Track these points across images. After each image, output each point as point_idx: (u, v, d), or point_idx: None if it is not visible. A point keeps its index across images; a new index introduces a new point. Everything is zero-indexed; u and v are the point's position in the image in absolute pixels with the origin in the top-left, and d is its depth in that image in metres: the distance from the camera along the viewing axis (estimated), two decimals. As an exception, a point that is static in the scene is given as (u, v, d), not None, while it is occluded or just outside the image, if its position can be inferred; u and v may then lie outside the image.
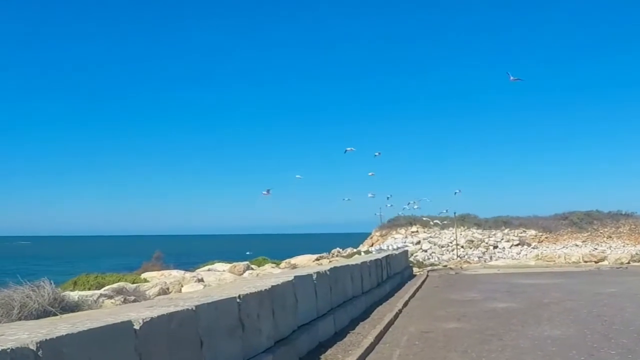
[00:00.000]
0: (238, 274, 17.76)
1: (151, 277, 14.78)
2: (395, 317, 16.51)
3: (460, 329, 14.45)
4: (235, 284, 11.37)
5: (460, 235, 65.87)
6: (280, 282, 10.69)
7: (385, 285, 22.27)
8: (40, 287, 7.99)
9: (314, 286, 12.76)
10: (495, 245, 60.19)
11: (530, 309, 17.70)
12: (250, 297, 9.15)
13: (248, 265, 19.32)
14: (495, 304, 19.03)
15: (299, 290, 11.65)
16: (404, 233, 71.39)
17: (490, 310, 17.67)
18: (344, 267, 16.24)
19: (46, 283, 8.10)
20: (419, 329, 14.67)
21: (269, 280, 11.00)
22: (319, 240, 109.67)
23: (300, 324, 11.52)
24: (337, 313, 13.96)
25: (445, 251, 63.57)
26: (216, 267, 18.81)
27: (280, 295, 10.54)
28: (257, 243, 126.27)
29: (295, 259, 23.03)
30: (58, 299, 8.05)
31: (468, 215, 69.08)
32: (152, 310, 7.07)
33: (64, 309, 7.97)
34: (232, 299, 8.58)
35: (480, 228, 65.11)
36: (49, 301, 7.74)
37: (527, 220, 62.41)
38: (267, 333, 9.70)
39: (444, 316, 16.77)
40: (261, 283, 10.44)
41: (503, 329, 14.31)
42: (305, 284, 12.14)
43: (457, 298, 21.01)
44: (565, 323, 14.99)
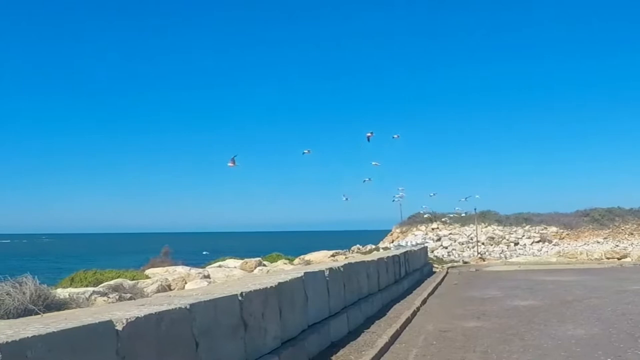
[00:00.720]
0: (250, 270, 17.22)
1: (154, 273, 14.24)
2: (413, 315, 15.87)
3: (480, 328, 13.79)
4: (240, 280, 10.80)
5: (481, 232, 65.19)
6: (288, 279, 10.10)
7: (404, 282, 21.62)
8: (22, 284, 7.43)
9: (325, 283, 12.15)
10: (516, 242, 59.58)
11: (553, 306, 16.98)
12: (254, 294, 8.57)
13: (260, 262, 18.74)
14: (517, 301, 18.32)
15: (310, 287, 11.06)
16: (424, 230, 70.92)
17: (511, 308, 16.97)
18: (359, 264, 15.62)
19: (29, 279, 7.54)
20: (437, 328, 14.02)
21: (277, 277, 10.41)
22: (341, 237, 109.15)
23: (310, 323, 10.94)
24: (351, 311, 13.35)
25: (465, 248, 63.02)
26: (227, 264, 18.27)
27: (288, 293, 9.96)
28: (278, 240, 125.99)
29: (310, 256, 22.43)
30: (42, 296, 7.51)
31: (489, 211, 68.48)
32: (141, 309, 6.50)
33: (48, 307, 7.43)
34: (233, 296, 8.00)
35: (501, 225, 64.55)
36: (31, 299, 7.19)
37: (548, 217, 61.63)
38: (274, 333, 9.12)
39: (463, 314, 16.11)
40: (268, 280, 9.86)
41: (525, 328, 13.62)
42: (316, 280, 11.54)
43: (477, 295, 20.32)
44: (589, 322, 14.27)
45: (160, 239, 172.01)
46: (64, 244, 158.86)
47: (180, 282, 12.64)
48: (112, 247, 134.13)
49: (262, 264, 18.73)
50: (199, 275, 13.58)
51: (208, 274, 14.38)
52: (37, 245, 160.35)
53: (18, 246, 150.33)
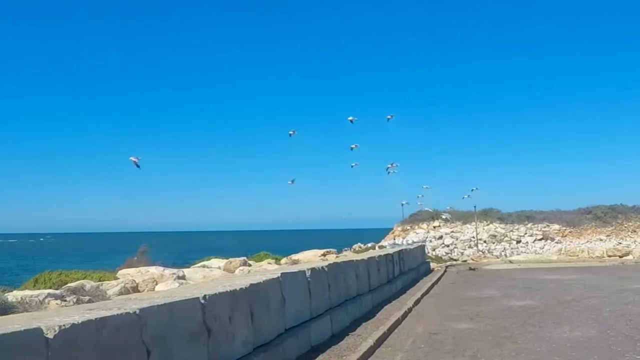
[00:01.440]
0: (231, 271, 16.64)
1: (125, 274, 13.64)
2: (404, 317, 15.25)
3: (472, 330, 13.17)
4: (213, 282, 10.19)
5: (482, 230, 64.45)
6: (262, 280, 9.49)
7: (397, 281, 20.99)
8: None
9: (307, 284, 11.53)
10: (519, 239, 58.69)
11: (550, 307, 16.35)
12: (219, 297, 7.96)
13: (245, 261, 18.14)
14: (513, 301, 17.69)
15: (288, 288, 10.44)
16: (426, 228, 70.04)
17: (507, 308, 16.34)
18: (346, 263, 14.99)
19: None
20: (428, 330, 13.41)
21: (251, 278, 9.82)
22: (343, 235, 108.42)
23: (289, 326, 10.32)
24: (335, 313, 12.73)
25: (467, 246, 62.17)
26: (211, 264, 17.71)
27: (262, 295, 9.35)
28: (277, 239, 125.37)
29: (299, 255, 21.79)
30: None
31: (491, 209, 67.63)
32: (83, 315, 5.91)
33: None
34: (193, 300, 7.40)
35: (503, 222, 63.71)
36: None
37: (550, 214, 60.89)
38: (244, 338, 8.51)
39: (456, 315, 15.49)
40: (240, 281, 9.25)
41: (519, 330, 12.99)
42: (295, 281, 10.93)
43: (474, 295, 19.69)
44: (587, 323, 13.64)
45: (163, 237, 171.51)
46: (71, 243, 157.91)
47: (150, 283, 12.04)
48: (118, 246, 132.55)
49: (247, 263, 18.13)
50: (173, 276, 12.97)
51: (183, 274, 13.74)
52: (42, 244, 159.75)
53: (24, 245, 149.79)
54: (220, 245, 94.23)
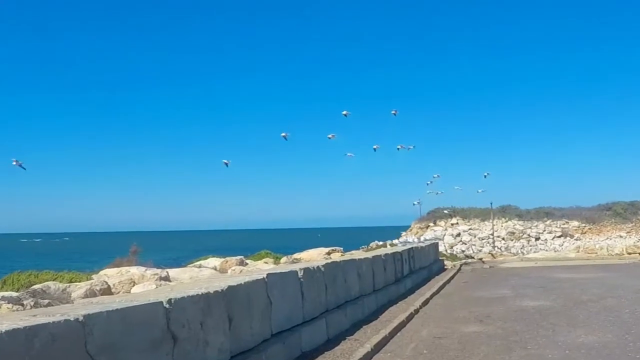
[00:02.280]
0: (228, 270, 15.89)
1: (104, 274, 12.88)
2: (409, 319, 14.38)
3: (480, 334, 12.29)
4: (192, 283, 9.41)
5: (501, 227, 63.57)
6: (243, 282, 8.68)
7: (406, 281, 20.12)
8: None
9: (299, 285, 10.71)
10: (537, 236, 57.91)
11: (565, 308, 15.41)
12: (189, 301, 7.16)
13: (242, 260, 17.39)
14: (526, 302, 16.76)
15: (275, 290, 9.63)
16: (444, 225, 69.35)
17: (520, 310, 15.42)
18: (347, 262, 14.16)
19: None
20: (432, 334, 12.55)
21: (231, 279, 9.02)
22: (361, 233, 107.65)
23: (276, 331, 9.50)
24: (332, 316, 11.90)
25: (485, 243, 61.39)
26: (208, 263, 16.97)
27: (243, 298, 8.54)
28: (289, 236, 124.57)
29: (302, 254, 20.98)
30: None
31: (509, 206, 66.82)
32: (15, 322, 5.12)
33: None
34: (154, 304, 6.60)
35: (521, 219, 62.84)
36: None
37: (569, 211, 59.87)
38: (219, 345, 7.70)
39: (465, 317, 14.61)
40: (219, 283, 8.44)
41: (530, 333, 12.08)
42: (285, 282, 10.11)
43: (486, 295, 18.78)
44: (603, 326, 12.70)
45: (181, 236, 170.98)
46: (89, 243, 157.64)
47: (127, 285, 11.29)
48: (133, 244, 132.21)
49: (244, 263, 17.36)
50: (155, 277, 12.20)
51: (167, 275, 12.96)
52: (62, 244, 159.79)
53: (45, 245, 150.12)
54: (228, 243, 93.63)
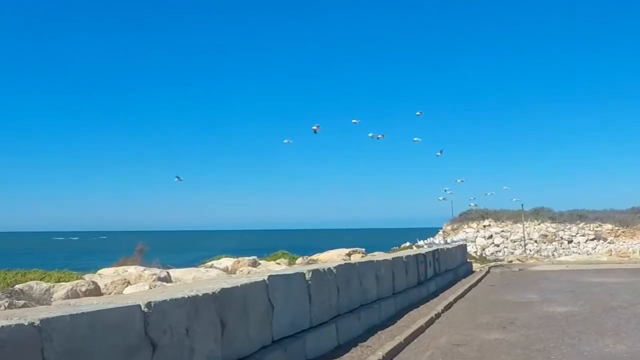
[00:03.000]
0: (236, 271, 15.33)
1: (100, 274, 12.33)
2: (428, 324, 13.64)
3: (502, 342, 11.52)
4: (183, 285, 8.82)
5: (533, 230, 62.45)
6: (240, 285, 8.07)
7: (430, 284, 19.37)
8: None
9: (306, 288, 10.07)
10: (570, 239, 56.81)
11: (594, 314, 14.54)
12: (172, 305, 6.58)
13: (255, 261, 16.82)
14: (554, 307, 15.92)
15: (278, 293, 9.00)
16: (476, 227, 68.35)
17: (546, 315, 14.60)
18: (364, 264, 13.48)
19: None
20: (451, 341, 11.82)
21: (227, 281, 8.41)
22: (393, 234, 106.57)
23: (278, 337, 8.87)
24: (344, 321, 11.23)
25: (517, 245, 60.43)
26: (220, 263, 16.43)
27: (239, 301, 7.93)
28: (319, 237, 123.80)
29: (321, 254, 20.33)
30: None
31: (542, 208, 65.65)
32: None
33: None
34: (130, 308, 6.02)
35: (554, 222, 61.63)
36: None
37: (603, 213, 58.50)
38: (208, 353, 7.11)
39: (488, 323, 13.83)
40: (212, 285, 7.84)
41: (555, 342, 11.28)
42: (289, 285, 9.48)
43: (512, 299, 17.95)
44: (633, 334, 11.83)
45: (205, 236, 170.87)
46: (121, 241, 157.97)
47: (120, 285, 10.73)
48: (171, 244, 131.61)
49: (257, 263, 16.77)
50: (153, 277, 11.63)
51: (166, 275, 12.37)
52: (96, 242, 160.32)
53: (79, 244, 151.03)
54: (251, 243, 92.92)
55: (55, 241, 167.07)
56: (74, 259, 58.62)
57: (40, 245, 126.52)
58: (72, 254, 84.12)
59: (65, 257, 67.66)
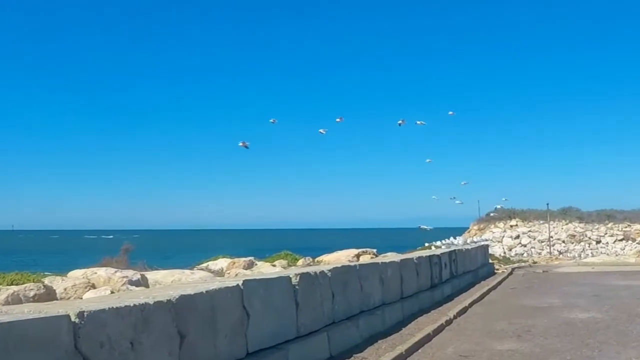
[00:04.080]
0: (226, 273, 14.40)
1: (69, 277, 11.37)
2: (437, 332, 12.56)
3: (514, 353, 10.44)
4: (144, 290, 7.87)
5: (561, 230, 61.16)
6: (205, 290, 7.11)
7: (445, 287, 18.29)
8: None
9: (292, 293, 9.08)
10: (598, 240, 55.51)
11: (618, 321, 13.35)
12: (111, 314, 5.64)
13: (252, 262, 15.89)
14: (575, 313, 14.76)
15: (256, 299, 8.03)
16: (503, 227, 66.98)
17: (566, 322, 13.45)
18: (365, 266, 12.46)
19: None
20: (459, 351, 10.77)
21: (191, 287, 7.46)
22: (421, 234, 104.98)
23: (255, 349, 7.89)
24: (338, 329, 10.22)
25: (545, 246, 59.07)
26: (216, 264, 15.54)
27: (204, 310, 6.98)
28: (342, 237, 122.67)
29: (327, 256, 19.28)
30: None
31: (570, 208, 64.31)
32: None
33: None
34: (55, 318, 5.11)
35: (582, 222, 60.20)
36: None
37: (632, 213, 57.04)
38: (160, 370, 6.14)
39: (503, 330, 12.74)
40: (172, 292, 6.89)
41: (572, 353, 10.16)
42: (270, 290, 8.49)
43: (531, 304, 16.81)
44: (661, 346, 10.72)
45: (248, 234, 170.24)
46: (158, 241, 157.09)
47: (81, 289, 9.83)
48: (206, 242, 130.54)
49: (253, 264, 15.81)
50: (123, 280, 10.69)
51: (138, 279, 11.36)
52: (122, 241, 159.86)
53: (112, 242, 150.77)
54: (262, 243, 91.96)
55: (85, 239, 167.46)
56: (84, 257, 58.06)
57: (66, 244, 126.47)
58: (88, 252, 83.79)
59: (76, 256, 67.20)
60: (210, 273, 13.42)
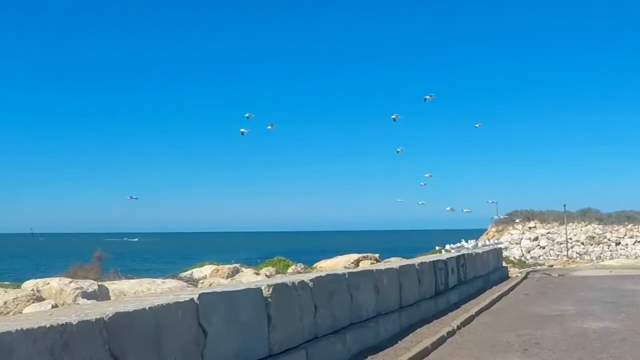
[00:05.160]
0: (204, 282, 13.44)
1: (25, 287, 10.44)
2: (436, 346, 11.50)
3: (517, 370, 9.42)
4: (87, 305, 6.93)
5: (580, 231, 59.91)
6: (148, 307, 6.16)
7: (451, 294, 17.23)
8: None
9: (263, 306, 8.11)
10: (618, 241, 54.28)
11: (635, 332, 12.19)
12: (19, 337, 4.71)
13: (237, 269, 14.92)
14: (589, 322, 13.67)
15: (215, 315, 7.08)
16: (521, 229, 65.72)
17: (578, 333, 12.37)
18: (356, 274, 11.44)
19: None
20: (457, 367, 9.75)
21: (133, 302, 6.50)
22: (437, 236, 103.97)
23: (214, 371, 6.93)
24: (320, 344, 9.24)
25: (563, 248, 57.86)
26: (201, 271, 14.63)
27: (146, 329, 6.05)
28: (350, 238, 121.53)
29: (326, 262, 18.21)
30: None
31: (589, 209, 63.04)
32: None
33: None
34: None
35: (601, 223, 58.90)
36: None
37: (652, 214, 55.53)
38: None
39: (509, 343, 11.70)
40: (105, 309, 5.95)
41: (581, 372, 9.15)
42: (234, 304, 7.52)
43: (543, 312, 15.74)
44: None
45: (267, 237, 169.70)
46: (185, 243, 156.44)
47: (23, 302, 8.90)
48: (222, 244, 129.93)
49: (239, 271, 14.84)
50: (76, 291, 9.75)
51: (95, 289, 10.36)
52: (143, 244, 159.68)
53: (134, 245, 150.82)
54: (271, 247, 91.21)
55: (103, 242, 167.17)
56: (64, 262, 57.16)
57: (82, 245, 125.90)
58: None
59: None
60: (185, 282, 12.47)
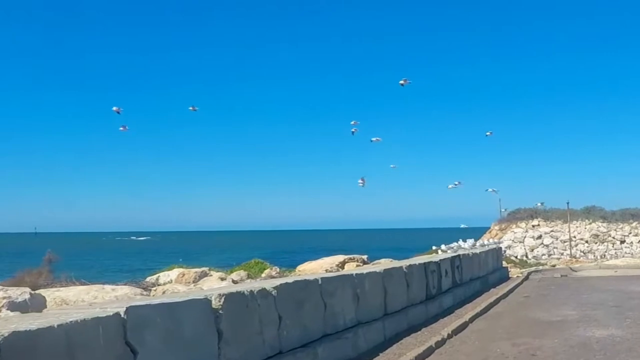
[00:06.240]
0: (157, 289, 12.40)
1: None
2: (422, 358, 10.47)
3: (509, 388, 8.36)
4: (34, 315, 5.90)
5: (584, 229, 58.94)
6: (57, 325, 5.12)
7: (444, 298, 16.17)
8: None
9: (213, 320, 7.06)
10: (622, 239, 53.30)
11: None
12: None
13: (205, 272, 13.92)
14: (592, 329, 12.58)
15: (149, 331, 6.04)
16: (524, 227, 64.69)
17: (579, 343, 11.27)
18: (332, 279, 10.35)
19: None
20: (442, 384, 8.70)
21: (60, 317, 5.44)
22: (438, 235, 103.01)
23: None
24: None
25: (567, 246, 56.94)
26: (169, 275, 13.65)
27: (56, 350, 5.02)
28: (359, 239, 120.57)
29: (309, 264, 17.01)
30: None
31: (593, 207, 62.04)
32: None
33: None
34: None
35: (605, 221, 57.90)
36: None
37: (658, 212, 54.55)
38: None
39: (502, 355, 10.65)
40: (13, 326, 4.90)
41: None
42: (174, 318, 6.47)
43: (543, 317, 14.67)
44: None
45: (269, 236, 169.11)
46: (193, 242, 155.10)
47: None
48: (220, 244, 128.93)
49: (208, 275, 13.82)
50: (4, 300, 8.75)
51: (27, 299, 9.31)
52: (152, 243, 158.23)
53: (142, 244, 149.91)
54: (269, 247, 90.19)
55: (105, 241, 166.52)
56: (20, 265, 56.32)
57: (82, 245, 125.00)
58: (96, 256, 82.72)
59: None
60: (139, 289, 11.43)
